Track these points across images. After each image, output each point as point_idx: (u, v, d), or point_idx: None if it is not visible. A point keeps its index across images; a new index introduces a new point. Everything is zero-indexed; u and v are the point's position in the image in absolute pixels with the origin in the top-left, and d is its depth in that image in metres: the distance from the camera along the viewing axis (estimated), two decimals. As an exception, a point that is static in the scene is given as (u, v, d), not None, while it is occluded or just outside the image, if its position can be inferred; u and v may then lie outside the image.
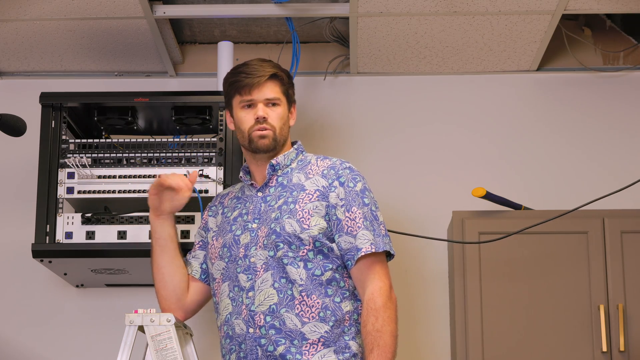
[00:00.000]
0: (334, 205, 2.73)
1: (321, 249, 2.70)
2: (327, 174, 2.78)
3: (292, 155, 2.86)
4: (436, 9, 3.43)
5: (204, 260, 2.89)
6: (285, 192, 2.77)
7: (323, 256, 2.70)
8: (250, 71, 2.80)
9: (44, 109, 3.38)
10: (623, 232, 3.42)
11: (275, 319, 2.64)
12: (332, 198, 2.73)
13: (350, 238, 2.70)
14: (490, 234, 3.41)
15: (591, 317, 3.36)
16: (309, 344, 2.63)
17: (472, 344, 3.37)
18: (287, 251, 2.68)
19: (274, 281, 2.66)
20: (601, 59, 3.93)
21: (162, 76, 3.96)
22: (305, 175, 2.79)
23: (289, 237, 2.68)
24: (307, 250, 2.69)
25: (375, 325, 2.63)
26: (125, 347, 2.69)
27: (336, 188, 2.75)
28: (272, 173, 2.82)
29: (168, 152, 3.36)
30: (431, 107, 3.92)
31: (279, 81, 2.83)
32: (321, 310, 2.65)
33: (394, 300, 2.70)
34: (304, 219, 2.70)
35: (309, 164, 2.84)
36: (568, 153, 3.85)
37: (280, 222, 2.70)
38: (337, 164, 2.80)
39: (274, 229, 2.70)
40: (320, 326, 2.64)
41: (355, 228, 2.70)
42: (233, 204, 2.87)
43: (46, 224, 3.28)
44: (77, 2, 3.39)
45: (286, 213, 2.71)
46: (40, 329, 3.73)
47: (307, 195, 2.74)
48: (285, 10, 3.52)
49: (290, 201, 2.74)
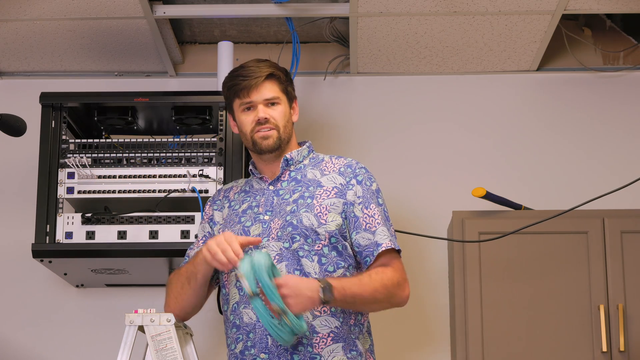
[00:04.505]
0: (351, 203, 2.75)
1: (336, 245, 2.72)
2: (344, 171, 2.80)
3: (304, 152, 2.88)
4: (436, 9, 3.43)
5: None
6: (300, 186, 2.78)
7: (337, 253, 2.72)
8: (247, 73, 2.80)
9: (44, 109, 3.38)
10: (623, 232, 3.42)
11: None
12: (350, 195, 2.76)
13: (369, 234, 2.73)
14: (490, 234, 3.42)
15: (591, 317, 3.37)
16: (319, 337, 2.64)
17: (472, 344, 3.37)
18: (303, 244, 2.69)
19: (287, 272, 2.67)
20: (601, 59, 3.93)
21: (162, 76, 3.96)
22: (320, 172, 2.81)
23: (306, 231, 2.69)
24: (322, 245, 2.70)
25: (374, 274, 2.66)
26: (125, 347, 2.69)
27: (354, 186, 2.77)
28: (285, 167, 2.83)
29: (168, 152, 3.36)
30: (431, 107, 3.92)
31: (277, 80, 2.83)
32: None
33: (406, 294, 2.75)
34: (321, 214, 2.71)
35: (323, 161, 2.86)
36: (568, 153, 3.85)
37: (298, 215, 2.71)
38: (353, 163, 2.84)
39: (290, 222, 2.71)
40: (331, 321, 2.66)
41: (374, 224, 2.74)
42: (241, 197, 2.87)
43: (46, 224, 3.29)
44: (77, 2, 3.39)
45: (303, 207, 2.72)
46: (40, 329, 3.73)
47: (324, 191, 2.76)
48: (285, 10, 3.52)
49: (307, 196, 2.75)
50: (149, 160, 3.36)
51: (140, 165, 3.36)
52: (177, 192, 3.30)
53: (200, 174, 3.31)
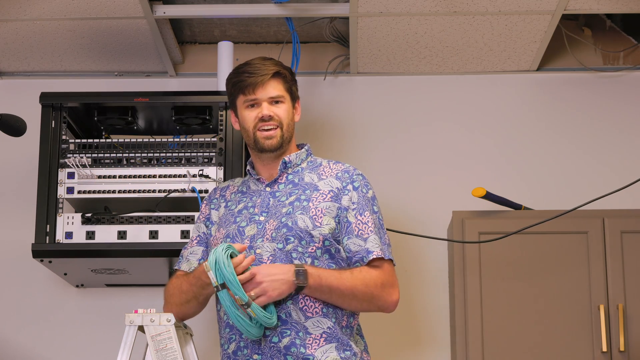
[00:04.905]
0: (345, 208, 2.76)
1: (329, 248, 2.72)
2: (341, 176, 2.81)
3: (302, 156, 2.88)
4: (436, 9, 3.43)
5: (203, 256, 2.88)
6: (297, 189, 2.79)
7: (329, 256, 2.72)
8: (253, 70, 2.80)
9: (44, 109, 3.38)
10: (623, 232, 3.42)
11: (281, 310, 2.64)
12: (345, 201, 2.76)
13: (360, 241, 2.73)
14: (490, 234, 3.42)
15: (591, 317, 3.37)
16: (311, 338, 2.64)
17: (472, 344, 3.37)
18: (297, 246, 2.69)
19: None
20: (601, 59, 3.93)
21: (162, 76, 3.96)
22: (318, 176, 2.82)
23: (301, 232, 2.69)
24: (315, 248, 2.70)
25: (357, 272, 2.67)
26: (125, 347, 2.69)
27: (349, 192, 2.78)
28: (282, 170, 2.83)
29: (168, 152, 3.36)
30: (431, 107, 3.92)
31: (282, 79, 2.83)
32: (324, 306, 2.67)
33: (393, 299, 2.73)
34: (316, 217, 2.72)
35: (321, 165, 2.86)
36: (568, 153, 3.85)
37: (293, 217, 2.71)
38: (350, 169, 2.84)
39: (285, 223, 2.71)
40: (324, 322, 2.66)
41: (366, 232, 2.74)
42: (237, 197, 2.87)
43: (46, 224, 3.28)
44: (77, 2, 3.39)
45: (299, 209, 2.73)
46: (40, 329, 3.73)
47: (320, 195, 2.76)
48: (285, 10, 3.52)
49: (303, 199, 2.75)
50: (149, 160, 3.36)
51: (140, 165, 3.36)
52: (177, 192, 3.30)
53: (200, 174, 3.31)
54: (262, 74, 2.79)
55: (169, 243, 3.27)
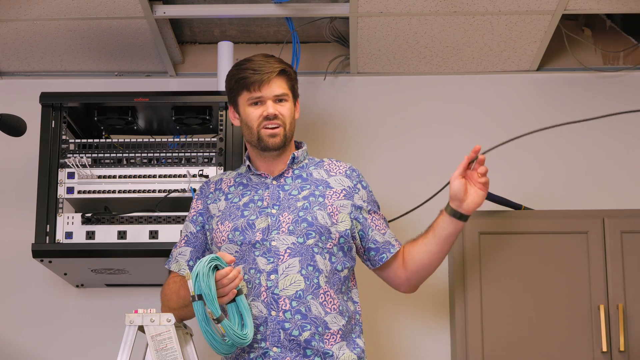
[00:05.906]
0: (359, 206, 2.83)
1: (343, 245, 2.78)
2: (350, 174, 2.88)
3: (304, 153, 2.92)
4: (436, 9, 3.43)
5: (191, 257, 2.87)
6: (308, 184, 2.81)
7: (343, 254, 2.78)
8: (258, 67, 2.79)
9: (44, 109, 3.38)
10: (623, 232, 3.42)
11: (301, 304, 2.66)
12: (357, 199, 2.83)
13: (381, 235, 2.85)
14: (490, 234, 3.42)
15: (591, 317, 3.36)
16: (330, 333, 2.66)
17: (472, 344, 3.37)
18: (318, 241, 2.73)
19: (301, 268, 2.69)
20: (601, 59, 3.93)
21: (162, 76, 3.96)
22: (326, 172, 2.86)
23: (321, 228, 2.74)
24: (332, 244, 2.75)
25: None
26: (125, 347, 2.69)
27: (359, 190, 2.85)
28: (289, 165, 2.84)
29: (168, 152, 3.36)
30: (431, 107, 3.92)
31: (287, 77, 2.83)
32: (341, 303, 2.70)
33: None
34: (333, 214, 2.77)
35: (323, 162, 2.90)
36: (568, 153, 3.85)
37: (312, 212, 2.74)
38: (353, 167, 2.92)
39: (304, 218, 2.73)
40: (339, 319, 2.70)
41: (382, 227, 2.87)
42: (239, 190, 2.86)
43: (46, 224, 3.29)
44: (77, 2, 3.39)
45: (316, 204, 2.76)
46: (40, 329, 3.73)
47: (334, 192, 2.81)
48: (285, 10, 3.52)
49: (317, 194, 2.78)
50: (149, 160, 3.36)
51: (140, 165, 3.36)
52: (177, 192, 3.31)
53: (200, 174, 3.31)
54: (267, 71, 2.78)
55: (169, 243, 3.26)
